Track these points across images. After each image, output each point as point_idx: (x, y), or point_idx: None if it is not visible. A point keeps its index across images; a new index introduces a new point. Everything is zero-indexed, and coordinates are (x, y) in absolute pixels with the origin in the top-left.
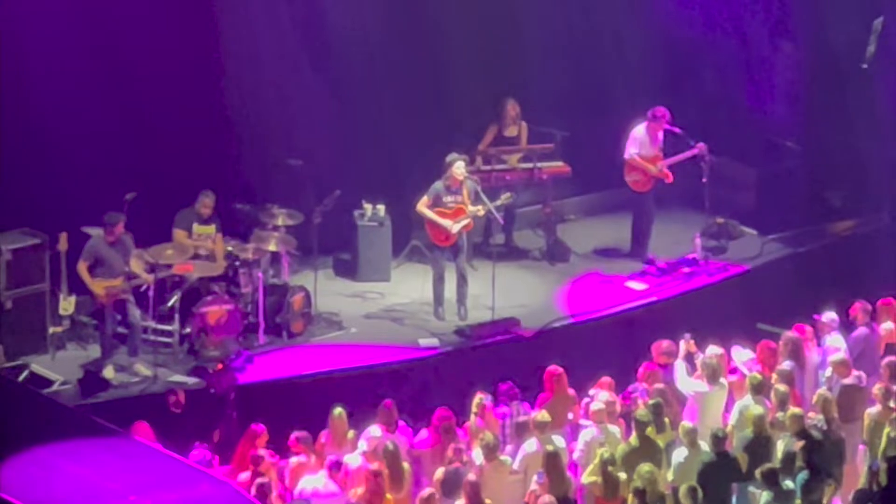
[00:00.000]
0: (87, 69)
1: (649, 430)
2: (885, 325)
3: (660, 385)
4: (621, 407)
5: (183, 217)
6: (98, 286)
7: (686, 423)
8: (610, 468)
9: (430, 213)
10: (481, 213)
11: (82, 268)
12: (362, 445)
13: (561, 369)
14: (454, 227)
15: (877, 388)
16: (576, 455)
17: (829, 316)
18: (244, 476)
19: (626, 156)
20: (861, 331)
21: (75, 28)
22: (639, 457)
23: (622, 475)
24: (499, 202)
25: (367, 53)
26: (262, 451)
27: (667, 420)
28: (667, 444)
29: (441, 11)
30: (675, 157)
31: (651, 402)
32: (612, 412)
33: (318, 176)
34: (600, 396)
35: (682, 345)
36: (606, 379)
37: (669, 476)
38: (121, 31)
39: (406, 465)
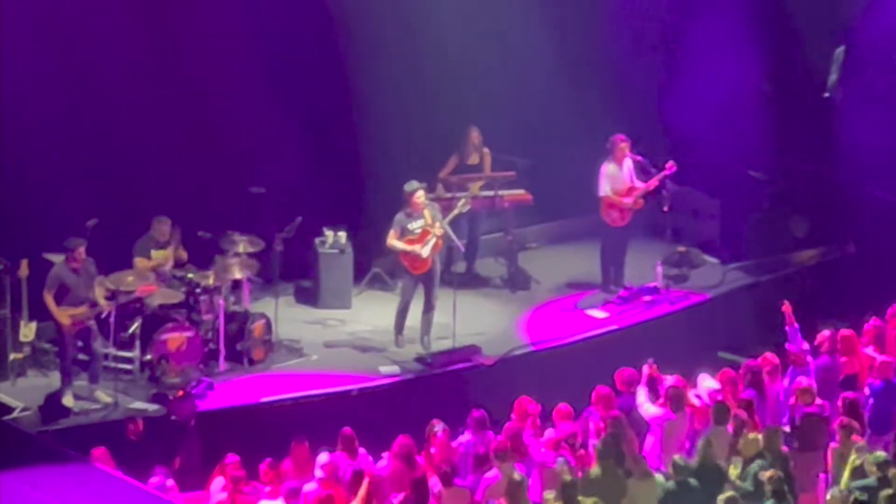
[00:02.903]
0: (50, 96)
1: (609, 461)
2: (845, 358)
3: (615, 413)
4: (579, 434)
5: (141, 245)
6: (64, 315)
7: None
8: (571, 492)
9: (399, 244)
10: (439, 231)
11: (48, 297)
12: (318, 473)
13: (532, 402)
14: (423, 250)
15: (838, 426)
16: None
17: (799, 346)
18: (221, 496)
19: (601, 193)
20: (824, 360)
21: (38, 55)
22: (601, 486)
23: (582, 499)
24: (456, 210)
25: (329, 81)
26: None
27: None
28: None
29: (404, 40)
30: (650, 181)
31: (610, 432)
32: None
33: (280, 203)
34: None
35: (645, 370)
36: (564, 407)
37: None
38: (84, 58)
39: None
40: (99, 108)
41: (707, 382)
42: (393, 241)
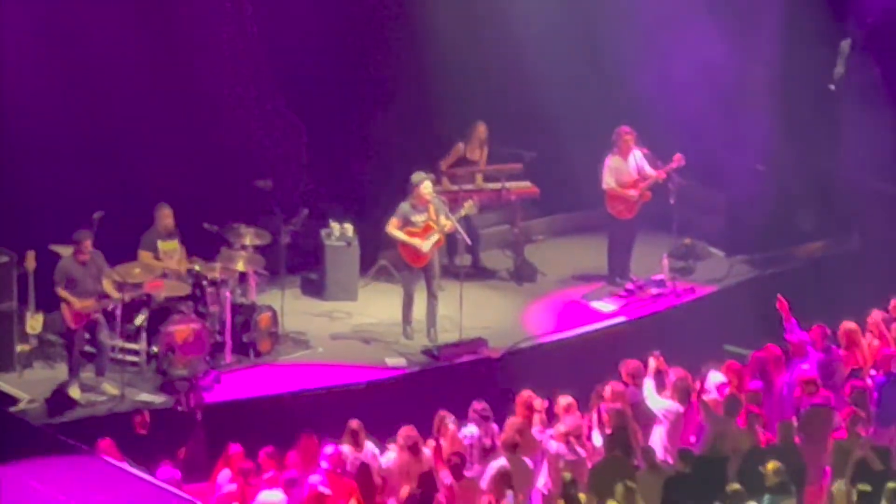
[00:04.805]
0: (55, 88)
1: (617, 453)
2: (849, 350)
3: (618, 406)
4: (588, 429)
5: (147, 237)
6: (77, 305)
7: (643, 445)
8: (572, 491)
9: (400, 234)
10: (448, 228)
11: (62, 292)
12: (323, 464)
13: (535, 395)
14: (424, 245)
15: (845, 417)
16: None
17: (799, 337)
18: (230, 488)
19: (604, 186)
20: (819, 357)
21: (42, 47)
22: (609, 475)
23: (583, 496)
24: (462, 212)
25: (335, 74)
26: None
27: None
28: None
29: (410, 34)
30: (659, 171)
31: (617, 425)
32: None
33: (286, 195)
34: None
35: (651, 362)
36: (566, 399)
37: None
38: (88, 50)
39: None
40: (104, 100)
41: (717, 377)
42: (393, 229)
